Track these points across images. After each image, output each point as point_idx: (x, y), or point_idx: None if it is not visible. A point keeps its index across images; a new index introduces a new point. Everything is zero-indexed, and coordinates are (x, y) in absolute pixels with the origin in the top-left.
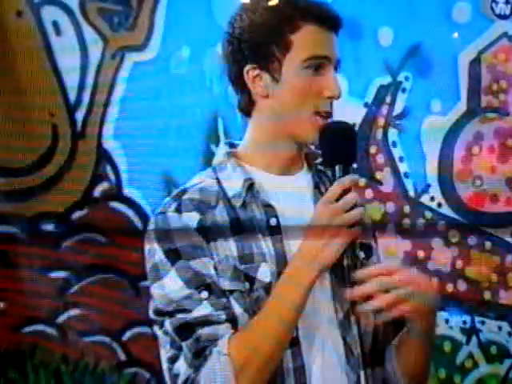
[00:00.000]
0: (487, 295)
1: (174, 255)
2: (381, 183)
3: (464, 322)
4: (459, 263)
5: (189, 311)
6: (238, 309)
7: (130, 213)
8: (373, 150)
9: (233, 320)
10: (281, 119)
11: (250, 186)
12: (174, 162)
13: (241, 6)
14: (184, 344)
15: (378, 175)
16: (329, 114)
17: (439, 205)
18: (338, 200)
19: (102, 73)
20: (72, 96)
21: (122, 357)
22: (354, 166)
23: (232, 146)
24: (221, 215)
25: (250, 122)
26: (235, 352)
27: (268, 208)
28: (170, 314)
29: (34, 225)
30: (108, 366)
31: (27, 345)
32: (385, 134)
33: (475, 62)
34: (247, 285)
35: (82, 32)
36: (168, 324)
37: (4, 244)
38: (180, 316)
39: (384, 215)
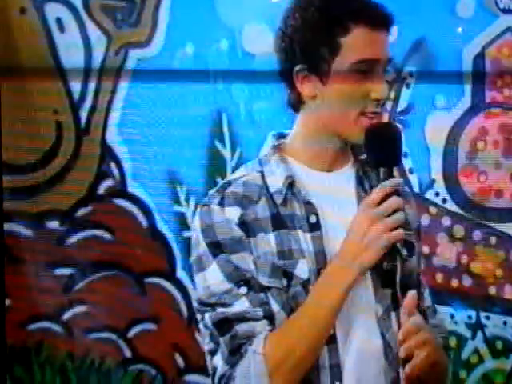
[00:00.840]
0: (492, 290)
1: (216, 248)
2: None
3: (469, 318)
4: (464, 258)
5: (228, 306)
6: (275, 306)
7: (135, 209)
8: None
9: (270, 317)
10: (327, 119)
11: (291, 184)
12: (178, 158)
13: (295, 2)
14: (221, 340)
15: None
16: (376, 115)
17: (444, 200)
18: (380, 204)
19: (105, 69)
20: (76, 93)
21: (128, 353)
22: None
23: (280, 136)
24: (262, 210)
25: (298, 117)
26: (270, 352)
27: (308, 205)
28: (211, 307)
29: (39, 222)
30: (114, 363)
31: (33, 342)
32: None
33: (479, 57)
34: (285, 281)
35: (86, 29)
36: (208, 318)
37: (10, 241)
38: (220, 310)
39: None
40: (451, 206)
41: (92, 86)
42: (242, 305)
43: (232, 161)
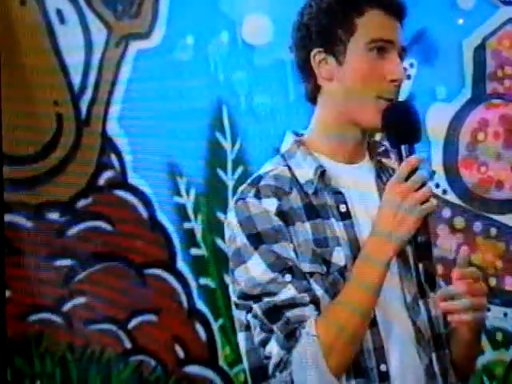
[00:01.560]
0: (492, 282)
1: (256, 239)
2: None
3: None
4: (465, 250)
5: (274, 294)
6: (319, 290)
7: (135, 200)
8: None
9: (316, 302)
10: (344, 103)
11: (322, 174)
12: (178, 150)
13: None
14: (275, 327)
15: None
16: (392, 99)
17: (444, 192)
18: (406, 179)
19: (106, 61)
20: (76, 84)
21: (128, 345)
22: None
23: (297, 135)
24: (295, 201)
25: (316, 109)
26: (323, 332)
27: (338, 195)
28: (257, 298)
29: (40, 213)
30: (114, 354)
31: (33, 333)
32: None
33: (480, 49)
34: (324, 268)
35: (86, 20)
36: (257, 308)
37: (10, 232)
38: (267, 299)
39: None
40: (452, 197)
41: (92, 77)
42: (288, 292)
43: (232, 152)
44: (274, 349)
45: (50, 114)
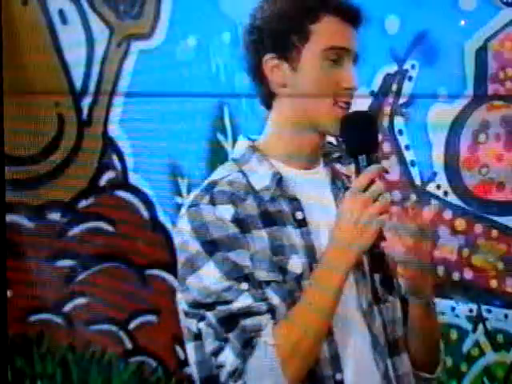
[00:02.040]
0: (493, 283)
1: (211, 247)
2: (387, 171)
3: (470, 311)
4: (466, 251)
5: (230, 302)
6: (275, 299)
7: (136, 201)
8: (379, 138)
9: (272, 310)
10: (301, 108)
11: (279, 181)
12: (179, 151)
13: None
14: (231, 335)
15: (385, 163)
16: (349, 105)
17: (445, 193)
18: (365, 190)
19: (107, 61)
20: (78, 84)
21: (129, 345)
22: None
23: (250, 140)
24: (251, 208)
25: (270, 114)
26: (281, 342)
27: (294, 202)
28: (210, 306)
29: (41, 214)
30: (114, 355)
31: (34, 333)
32: (391, 123)
33: (482, 50)
34: (281, 276)
35: (88, 20)
36: (211, 316)
37: (11, 233)
38: (222, 308)
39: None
40: (453, 198)
41: (94, 77)
42: (245, 300)
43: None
44: (228, 357)
45: (52, 115)
